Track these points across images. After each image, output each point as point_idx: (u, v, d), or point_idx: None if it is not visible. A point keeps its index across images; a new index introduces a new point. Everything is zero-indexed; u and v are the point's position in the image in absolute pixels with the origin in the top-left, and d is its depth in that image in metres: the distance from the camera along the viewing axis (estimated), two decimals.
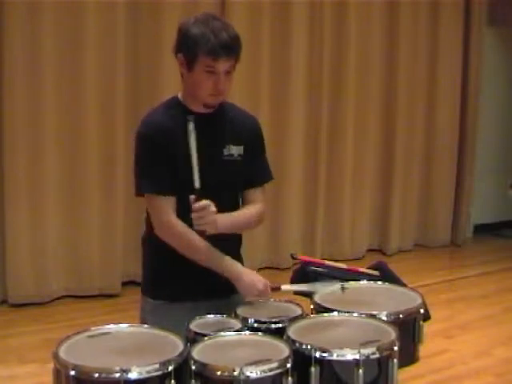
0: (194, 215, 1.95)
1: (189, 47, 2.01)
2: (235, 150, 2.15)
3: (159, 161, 2.07)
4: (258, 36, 5.29)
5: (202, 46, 1.97)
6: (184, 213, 2.05)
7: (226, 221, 2.08)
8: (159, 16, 4.78)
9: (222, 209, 2.09)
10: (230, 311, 2.04)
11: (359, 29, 5.80)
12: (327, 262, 2.41)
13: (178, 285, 2.14)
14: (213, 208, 1.97)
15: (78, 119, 4.68)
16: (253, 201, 2.23)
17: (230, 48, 2.00)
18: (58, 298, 4.72)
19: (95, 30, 4.63)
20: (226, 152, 2.13)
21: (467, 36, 6.40)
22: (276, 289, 2.11)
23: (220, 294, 2.16)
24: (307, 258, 2.44)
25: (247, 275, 2.07)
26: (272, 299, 2.12)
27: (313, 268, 2.35)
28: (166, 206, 2.07)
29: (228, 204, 2.17)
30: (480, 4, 6.41)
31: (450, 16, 6.27)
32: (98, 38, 4.65)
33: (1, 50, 4.40)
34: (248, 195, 2.24)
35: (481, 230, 6.99)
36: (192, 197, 1.95)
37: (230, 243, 2.18)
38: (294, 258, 2.49)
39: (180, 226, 2.06)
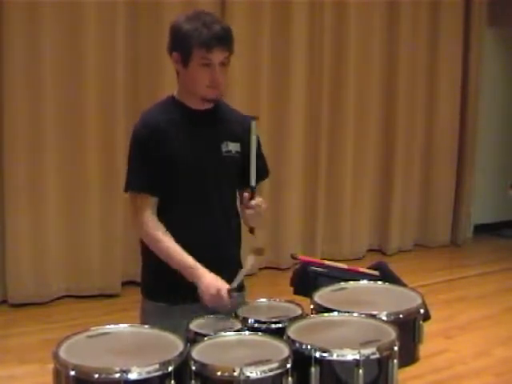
0: (249, 212, 2.07)
1: (183, 43, 2.02)
2: (232, 147, 2.15)
3: (149, 160, 2.08)
4: (258, 36, 5.29)
5: (196, 39, 1.99)
6: (184, 211, 2.08)
7: None
8: (159, 16, 4.78)
9: (222, 204, 2.12)
10: (229, 310, 2.04)
11: (359, 29, 5.80)
12: (327, 262, 2.42)
13: (178, 287, 2.13)
14: (264, 205, 2.09)
15: (78, 119, 4.68)
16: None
17: (223, 38, 2.02)
18: (58, 298, 4.72)
19: (95, 29, 4.63)
20: (224, 148, 2.14)
21: (467, 36, 6.41)
22: (230, 291, 1.99)
23: None
24: (307, 258, 2.45)
25: (203, 280, 2.01)
26: (272, 299, 2.13)
27: (313, 268, 2.35)
28: (146, 205, 2.08)
29: (228, 200, 2.18)
30: (480, 4, 6.41)
31: (450, 16, 6.27)
32: (98, 38, 4.65)
33: (1, 50, 4.40)
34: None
35: (481, 229, 6.99)
36: (246, 194, 2.07)
37: (229, 244, 2.18)
38: (294, 257, 2.49)
39: (152, 226, 2.06)
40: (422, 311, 2.00)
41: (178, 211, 2.11)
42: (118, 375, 1.56)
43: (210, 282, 1.99)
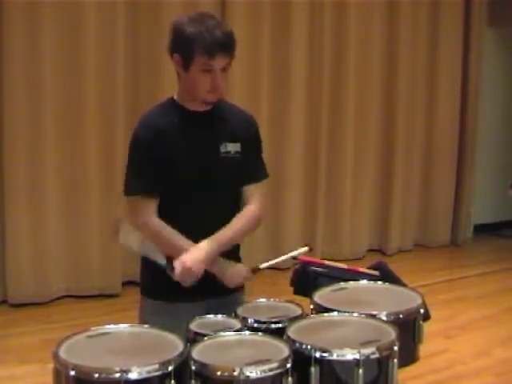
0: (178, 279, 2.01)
1: (185, 47, 2.01)
2: (232, 147, 2.15)
3: (151, 161, 2.08)
4: (258, 36, 5.29)
5: (198, 45, 1.98)
6: (182, 212, 2.10)
7: (214, 245, 2.07)
8: (159, 16, 4.78)
9: (221, 205, 2.12)
10: (229, 310, 2.04)
11: (359, 29, 5.80)
12: (327, 262, 2.42)
13: (178, 285, 2.14)
14: (188, 264, 1.99)
15: (78, 119, 4.68)
16: (249, 197, 2.22)
17: (226, 45, 2.01)
18: (58, 298, 4.72)
19: (95, 29, 4.63)
20: (222, 149, 2.14)
21: (467, 36, 6.41)
22: (256, 270, 2.12)
23: (219, 292, 2.16)
24: (307, 258, 2.45)
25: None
26: (272, 299, 2.13)
27: (313, 268, 2.35)
28: (146, 206, 2.09)
29: (227, 200, 2.18)
30: (480, 4, 6.41)
31: (450, 16, 6.27)
32: (98, 38, 4.65)
33: (1, 50, 4.40)
34: (244, 192, 2.24)
35: (481, 229, 6.98)
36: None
37: (232, 246, 2.18)
38: (294, 258, 2.49)
39: (157, 226, 2.08)
40: (421, 311, 2.01)
41: (177, 212, 2.11)
42: (118, 375, 1.56)
43: (236, 266, 2.09)
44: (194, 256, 2.01)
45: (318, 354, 1.69)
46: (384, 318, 1.91)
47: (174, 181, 2.10)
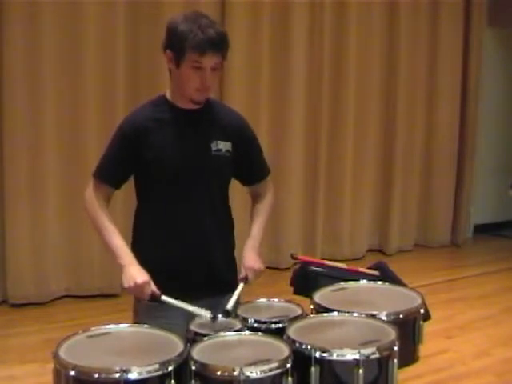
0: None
1: (177, 43, 2.03)
2: (223, 146, 2.16)
3: (116, 158, 2.18)
4: (258, 36, 5.28)
5: (190, 41, 2.00)
6: (170, 211, 2.12)
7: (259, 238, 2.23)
8: (159, 16, 4.78)
9: (210, 204, 2.13)
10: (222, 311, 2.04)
11: (359, 29, 5.81)
12: (327, 262, 2.42)
13: (170, 286, 2.12)
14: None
15: (79, 119, 4.68)
16: (264, 191, 2.32)
17: (217, 44, 2.02)
18: (58, 298, 4.72)
19: (95, 29, 4.63)
20: (213, 147, 2.14)
21: (467, 36, 6.41)
22: (155, 297, 2.02)
23: (213, 293, 2.16)
24: (307, 258, 2.45)
25: (129, 268, 2.05)
26: (272, 299, 2.13)
27: (313, 268, 2.35)
28: (99, 187, 2.18)
29: (217, 199, 2.19)
30: (480, 4, 6.41)
31: (450, 16, 6.28)
32: (98, 38, 4.64)
33: (1, 50, 4.40)
34: (257, 188, 2.32)
35: (481, 229, 6.99)
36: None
37: (217, 244, 2.19)
38: (293, 257, 2.50)
39: (92, 204, 2.16)
40: (422, 311, 2.01)
41: (165, 211, 2.12)
42: (117, 375, 1.56)
43: (135, 273, 2.02)
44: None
45: (317, 354, 1.69)
46: (384, 318, 1.91)
47: (162, 179, 2.11)
